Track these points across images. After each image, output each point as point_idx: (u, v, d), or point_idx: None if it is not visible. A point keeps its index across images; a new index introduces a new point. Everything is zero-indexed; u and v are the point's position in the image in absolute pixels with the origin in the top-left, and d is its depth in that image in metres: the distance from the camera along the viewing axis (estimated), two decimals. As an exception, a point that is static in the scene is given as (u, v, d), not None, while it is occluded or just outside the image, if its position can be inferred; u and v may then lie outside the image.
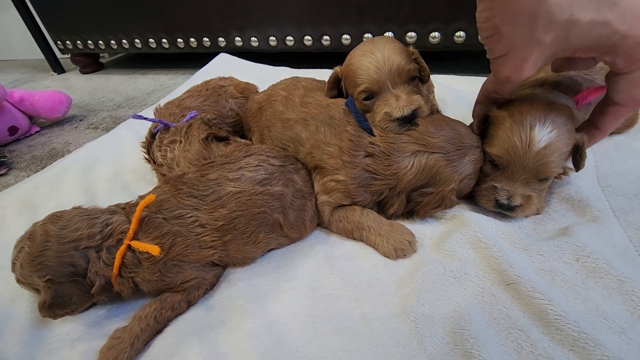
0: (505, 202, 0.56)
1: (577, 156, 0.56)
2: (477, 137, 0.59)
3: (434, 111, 0.62)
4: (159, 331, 0.51)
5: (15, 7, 1.71)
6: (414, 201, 0.59)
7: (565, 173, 0.59)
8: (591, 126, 0.55)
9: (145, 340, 0.49)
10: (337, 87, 0.68)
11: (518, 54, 0.45)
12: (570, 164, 0.59)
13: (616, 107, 0.50)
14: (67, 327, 0.52)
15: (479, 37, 0.49)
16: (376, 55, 0.58)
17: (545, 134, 0.51)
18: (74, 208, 0.54)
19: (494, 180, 0.58)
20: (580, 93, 0.59)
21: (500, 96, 0.56)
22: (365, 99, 0.61)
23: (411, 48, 0.63)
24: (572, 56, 0.47)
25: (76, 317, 0.53)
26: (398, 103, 0.57)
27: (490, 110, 0.58)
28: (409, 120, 0.57)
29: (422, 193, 0.58)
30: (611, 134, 0.75)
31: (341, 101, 0.65)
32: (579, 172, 0.63)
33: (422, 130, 0.57)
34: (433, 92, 0.87)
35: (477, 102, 0.60)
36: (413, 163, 0.56)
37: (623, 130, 0.76)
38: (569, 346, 0.42)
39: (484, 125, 0.60)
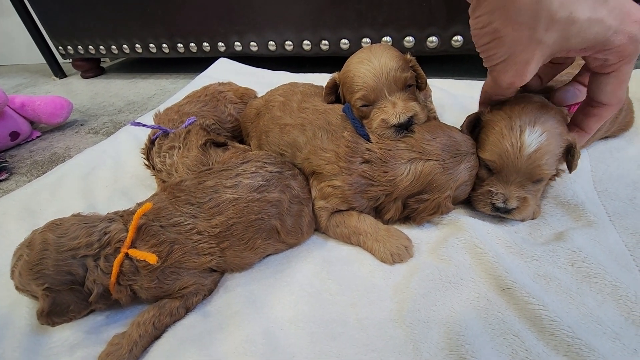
0: (501, 205, 0.57)
1: (569, 157, 0.56)
2: (473, 144, 0.59)
3: (431, 118, 0.62)
4: (157, 337, 0.51)
5: (17, 13, 1.73)
6: (410, 208, 0.60)
7: (557, 175, 0.59)
8: (574, 128, 0.55)
9: (143, 346, 0.49)
10: (334, 93, 0.69)
11: (520, 57, 0.45)
12: (563, 166, 0.59)
13: (601, 108, 0.50)
14: (66, 333, 0.53)
15: (476, 46, 0.48)
16: (373, 62, 0.59)
17: (535, 138, 0.52)
18: (73, 216, 0.54)
19: (489, 184, 0.58)
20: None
21: (503, 97, 0.56)
22: (362, 106, 0.61)
23: (408, 55, 0.63)
24: (560, 58, 0.47)
25: (75, 323, 0.54)
26: (395, 110, 0.57)
27: (481, 114, 0.59)
28: (405, 127, 0.58)
29: (418, 200, 0.58)
30: (606, 137, 0.76)
31: (338, 107, 0.65)
32: (574, 175, 0.64)
33: (418, 137, 0.57)
34: (430, 96, 0.87)
35: (480, 103, 0.60)
36: (409, 170, 0.56)
37: (618, 133, 0.76)
38: (563, 352, 0.42)
39: (475, 128, 0.60)
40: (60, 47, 1.75)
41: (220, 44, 1.45)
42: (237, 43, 1.43)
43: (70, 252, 0.49)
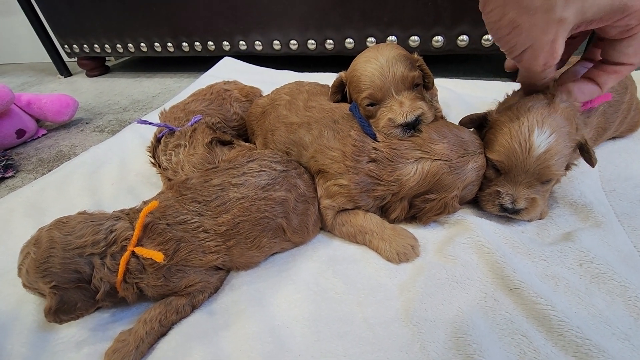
0: (509, 206, 0.57)
1: (584, 154, 0.55)
2: (480, 144, 0.59)
3: (438, 117, 0.62)
4: (163, 334, 0.51)
5: (24, 11, 1.74)
6: (417, 207, 0.59)
7: (568, 168, 0.58)
8: (589, 83, 0.52)
9: (150, 343, 0.49)
10: (341, 92, 0.69)
11: (545, 39, 0.44)
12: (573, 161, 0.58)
13: (623, 67, 0.49)
14: (73, 330, 0.53)
15: (495, 39, 0.48)
16: (380, 61, 0.59)
17: (544, 139, 0.52)
18: (79, 214, 0.55)
19: (497, 185, 0.58)
20: None
21: (542, 85, 0.54)
22: (369, 105, 0.61)
23: (416, 55, 0.63)
24: (579, 32, 0.46)
25: (81, 320, 0.54)
26: (402, 109, 0.57)
27: (488, 115, 0.58)
28: (412, 127, 0.58)
29: (424, 199, 0.58)
30: (614, 138, 0.75)
31: (345, 106, 0.65)
32: (582, 176, 0.64)
33: (426, 137, 0.57)
34: (436, 96, 0.87)
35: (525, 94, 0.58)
36: (416, 170, 0.56)
37: (626, 133, 0.76)
38: (572, 352, 0.42)
39: (482, 129, 0.60)
40: (66, 46, 1.76)
41: (225, 43, 1.46)
42: (241, 42, 1.43)
43: (77, 250, 0.49)
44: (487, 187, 0.60)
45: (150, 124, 0.73)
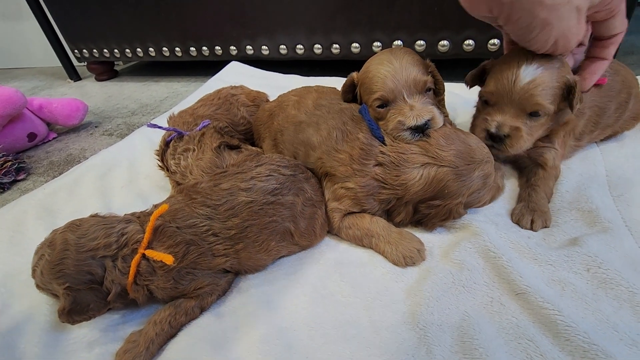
0: (494, 131, 0.60)
1: (570, 97, 0.58)
2: (488, 152, 0.59)
3: (446, 122, 0.63)
4: (172, 336, 0.52)
5: (35, 17, 1.77)
6: (422, 213, 0.60)
7: (559, 110, 0.62)
8: (595, 60, 0.60)
9: (159, 344, 0.50)
10: (352, 92, 0.70)
11: (572, 25, 0.50)
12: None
13: (616, 37, 0.56)
14: (84, 330, 0.54)
15: (521, 41, 0.54)
16: (394, 64, 0.60)
17: (530, 70, 0.56)
18: (92, 216, 0.56)
19: (486, 114, 0.63)
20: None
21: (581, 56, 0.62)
22: (379, 107, 0.62)
23: (428, 61, 0.64)
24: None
25: (92, 321, 0.55)
26: (412, 112, 0.58)
27: (486, 64, 0.64)
28: (421, 130, 0.58)
29: (429, 205, 0.58)
30: (622, 138, 0.75)
31: (355, 107, 0.66)
32: (588, 180, 0.64)
33: (433, 142, 0.57)
34: (444, 100, 0.87)
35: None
36: (421, 175, 0.57)
37: (630, 125, 0.77)
38: (579, 357, 0.42)
39: (482, 78, 0.65)
40: (76, 51, 1.79)
41: (232, 47, 1.47)
42: (248, 47, 1.44)
43: (89, 252, 0.50)
44: (478, 117, 0.64)
45: (160, 128, 0.74)
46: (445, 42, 1.15)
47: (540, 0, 0.46)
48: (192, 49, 1.54)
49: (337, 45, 1.30)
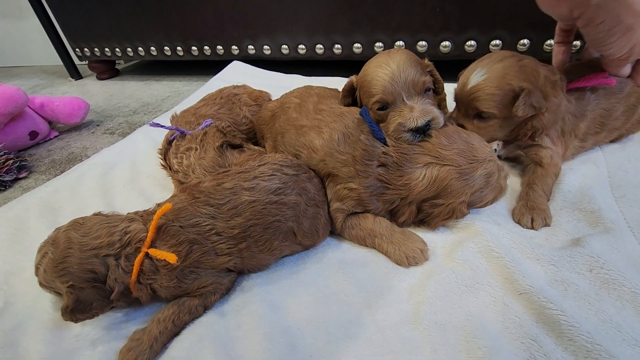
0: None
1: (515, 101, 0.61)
2: (490, 150, 0.59)
3: (449, 122, 0.63)
4: (176, 334, 0.52)
5: (37, 15, 1.77)
6: (425, 212, 0.60)
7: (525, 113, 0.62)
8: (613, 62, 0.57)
9: (163, 342, 0.50)
10: (351, 96, 0.70)
11: None
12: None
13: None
14: (88, 328, 0.54)
15: (599, 45, 0.52)
16: (391, 66, 0.60)
17: (476, 77, 0.63)
18: (95, 215, 0.56)
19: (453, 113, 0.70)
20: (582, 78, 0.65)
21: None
22: (379, 109, 0.62)
23: (426, 60, 0.64)
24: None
25: (95, 319, 0.55)
26: (412, 114, 0.58)
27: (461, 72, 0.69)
28: (422, 131, 0.58)
29: (432, 204, 0.58)
30: (626, 139, 0.75)
31: (355, 110, 0.66)
32: (591, 181, 0.65)
33: (435, 142, 0.57)
34: (445, 100, 0.87)
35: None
36: (424, 174, 0.57)
37: (637, 128, 0.76)
38: (583, 357, 0.42)
39: None
40: (77, 49, 1.79)
41: (233, 47, 1.47)
42: (250, 46, 1.44)
43: (93, 251, 0.50)
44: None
45: (162, 127, 0.74)
46: (447, 43, 1.15)
47: (630, 4, 0.45)
48: (194, 48, 1.54)
49: (338, 46, 1.30)
